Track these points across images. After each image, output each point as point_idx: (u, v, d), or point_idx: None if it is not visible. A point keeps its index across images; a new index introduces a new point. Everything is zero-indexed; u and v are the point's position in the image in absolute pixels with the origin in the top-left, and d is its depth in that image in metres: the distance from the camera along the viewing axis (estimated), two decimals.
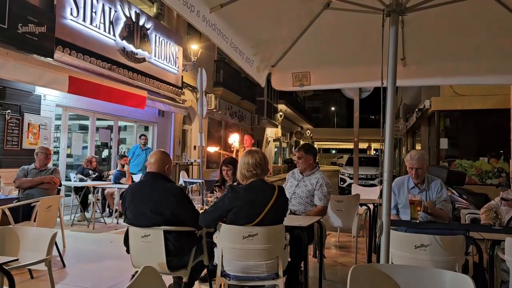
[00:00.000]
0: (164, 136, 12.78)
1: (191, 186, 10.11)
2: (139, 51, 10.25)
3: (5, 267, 2.14)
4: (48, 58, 7.26)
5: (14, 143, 7.22)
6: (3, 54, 5.79)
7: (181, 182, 10.03)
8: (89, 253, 5.54)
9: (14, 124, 7.20)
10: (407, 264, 2.62)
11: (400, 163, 23.43)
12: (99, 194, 8.00)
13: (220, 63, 16.15)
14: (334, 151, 61.05)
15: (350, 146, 45.63)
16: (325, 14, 3.35)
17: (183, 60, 12.81)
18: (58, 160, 8.71)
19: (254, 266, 2.92)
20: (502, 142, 10.37)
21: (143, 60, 10.48)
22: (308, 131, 41.73)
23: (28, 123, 7.45)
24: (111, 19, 9.21)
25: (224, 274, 2.99)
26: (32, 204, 4.89)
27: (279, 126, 28.98)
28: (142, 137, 10.18)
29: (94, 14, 8.61)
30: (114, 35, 9.35)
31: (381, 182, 2.49)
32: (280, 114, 27.97)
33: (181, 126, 13.76)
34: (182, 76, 12.83)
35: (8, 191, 5.53)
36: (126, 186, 7.54)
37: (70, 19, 7.99)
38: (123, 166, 8.51)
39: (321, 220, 3.97)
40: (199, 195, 9.51)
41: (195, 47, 12.96)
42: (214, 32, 3.15)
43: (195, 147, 14.70)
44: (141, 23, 10.34)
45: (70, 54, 7.91)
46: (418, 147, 17.47)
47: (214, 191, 3.99)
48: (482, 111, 11.11)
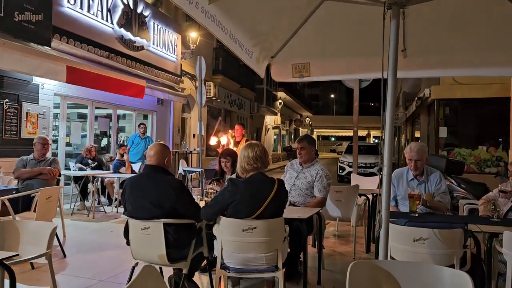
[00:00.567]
0: (163, 124, 12.76)
1: (191, 174, 10.11)
2: (137, 39, 10.17)
3: (5, 262, 2.15)
4: (45, 47, 7.20)
5: (12, 132, 7.20)
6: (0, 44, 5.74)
7: (180, 171, 10.04)
8: (89, 242, 5.57)
9: (12, 114, 7.17)
10: (405, 259, 2.65)
11: (399, 151, 23.48)
12: (99, 183, 8.01)
13: (219, 50, 16.03)
14: (333, 139, 61.09)
15: (349, 133, 45.62)
16: (325, 5, 3.32)
17: (182, 48, 12.72)
18: (57, 149, 8.70)
19: (253, 259, 2.94)
20: (501, 130, 10.37)
21: (141, 48, 10.40)
22: (307, 118, 41.67)
23: (27, 112, 7.42)
24: (109, 7, 9.10)
25: (224, 267, 3.01)
26: (31, 195, 4.90)
27: (279, 114, 28.91)
28: (141, 125, 10.16)
29: (91, 1, 8.51)
30: (112, 23, 9.26)
31: (380, 171, 2.49)
32: (280, 101, 27.88)
33: (180, 115, 13.73)
34: (181, 64, 12.75)
35: (7, 181, 5.53)
36: (126, 175, 7.65)
37: (67, 7, 7.90)
38: (122, 155, 8.51)
39: (320, 211, 3.99)
40: (199, 185, 9.56)
41: (194, 35, 12.86)
42: (213, 23, 3.11)
43: (194, 136, 14.69)
44: (139, 10, 10.23)
45: (67, 43, 7.85)
46: (418, 135, 17.49)
47: (213, 184, 3.99)
48: (482, 99, 11.09)
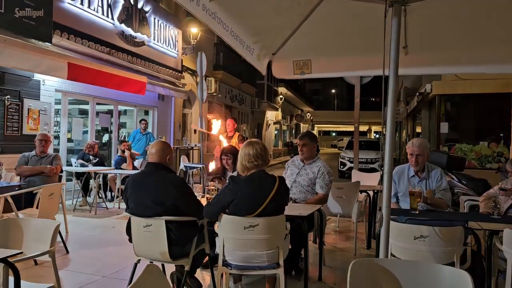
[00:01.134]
0: (164, 120, 12.76)
1: (192, 170, 10.14)
2: (138, 34, 10.16)
3: (10, 260, 2.17)
4: (46, 43, 7.19)
5: (14, 128, 7.22)
6: (0, 41, 5.73)
7: (181, 167, 10.06)
8: (91, 238, 5.60)
9: (13, 110, 7.19)
10: (406, 256, 2.66)
11: (400, 146, 23.49)
12: (101, 179, 8.04)
13: (220, 46, 15.99)
14: (334, 134, 61.06)
15: (350, 128, 45.57)
16: (326, 2, 3.31)
17: (182, 44, 12.69)
18: (58, 145, 8.72)
19: (255, 256, 2.96)
20: (503, 126, 10.37)
21: (142, 43, 10.39)
22: (308, 113, 41.64)
23: (28, 109, 7.43)
24: (109, 2, 9.09)
25: (225, 264, 3.03)
26: (34, 191, 4.92)
27: (280, 109, 28.90)
28: (142, 121, 10.17)
29: None
30: (113, 18, 9.24)
31: (381, 167, 2.50)
32: (280, 97, 27.85)
33: (181, 110, 13.73)
34: (182, 60, 12.74)
35: (10, 178, 5.55)
36: (127, 172, 7.67)
37: (68, 3, 7.89)
38: (123, 152, 8.52)
39: (321, 207, 4.00)
40: (200, 181, 9.58)
41: (194, 30, 12.82)
42: (214, 21, 3.12)
43: (195, 131, 14.70)
44: (139, 5, 10.21)
45: (68, 39, 7.85)
46: (419, 130, 17.48)
47: (214, 181, 4.00)
48: (483, 95, 11.08)
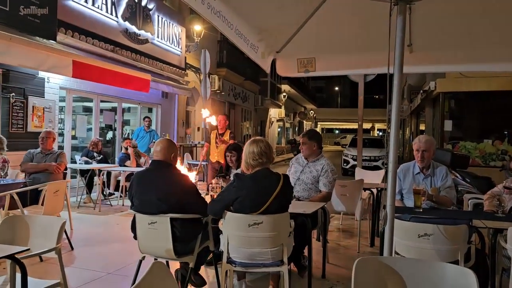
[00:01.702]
0: (168, 117, 12.79)
1: (195, 168, 10.15)
2: (141, 32, 10.17)
3: (16, 257, 2.19)
4: (51, 41, 7.22)
5: (19, 126, 7.25)
6: (6, 39, 5.76)
7: (185, 164, 10.08)
8: (96, 235, 5.63)
9: (18, 107, 7.22)
10: (410, 254, 2.67)
11: (403, 144, 23.44)
12: (105, 176, 8.07)
13: (223, 43, 15.99)
14: (337, 131, 60.97)
15: (354, 126, 45.42)
16: (330, 0, 3.31)
17: (186, 41, 12.70)
18: (63, 142, 8.76)
19: (259, 253, 2.97)
20: (507, 124, 10.33)
21: (146, 41, 10.40)
22: (311, 111, 41.60)
23: (33, 106, 7.47)
24: (113, 0, 9.10)
25: (230, 261, 3.05)
26: (39, 189, 4.95)
27: (283, 107, 28.88)
28: (146, 119, 10.20)
29: None
30: (117, 16, 9.26)
31: (383, 164, 2.51)
32: (284, 94, 27.84)
33: (184, 108, 13.75)
34: (185, 57, 12.74)
35: (15, 175, 5.58)
36: (131, 169, 7.70)
37: (72, 0, 7.90)
38: (127, 149, 8.55)
39: (325, 205, 4.01)
40: (204, 179, 9.60)
41: (198, 27, 12.83)
42: (219, 19, 3.13)
43: (198, 129, 14.73)
44: (143, 3, 10.22)
45: (72, 36, 7.87)
46: (422, 128, 17.44)
47: (218, 179, 4.01)
48: (487, 92, 11.03)
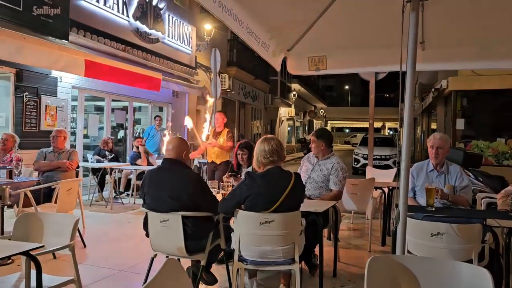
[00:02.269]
0: (179, 116, 12.84)
1: (206, 166, 10.17)
2: (152, 31, 10.22)
3: (31, 253, 2.22)
4: (63, 40, 7.30)
5: (32, 125, 7.35)
6: (20, 39, 5.84)
7: (196, 163, 10.11)
8: (108, 233, 5.69)
9: (32, 107, 7.32)
10: (423, 253, 2.64)
11: (414, 142, 23.24)
12: (116, 175, 8.13)
13: (233, 42, 16.02)
14: (347, 130, 60.70)
15: (364, 125, 45.23)
16: None
17: (196, 40, 12.73)
18: (75, 141, 8.85)
19: (270, 252, 2.97)
20: None
21: (156, 40, 10.46)
22: (321, 110, 41.45)
23: (46, 105, 7.56)
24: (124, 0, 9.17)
25: (241, 259, 3.05)
26: (52, 187, 5.01)
27: (293, 106, 28.84)
28: (157, 118, 10.24)
29: None
30: (128, 15, 9.32)
31: (395, 163, 2.50)
32: (294, 93, 27.78)
33: (195, 107, 13.79)
34: (196, 56, 12.78)
35: (29, 173, 5.65)
36: (142, 167, 7.75)
37: (84, 0, 7.98)
38: (138, 148, 8.61)
39: (336, 204, 4.00)
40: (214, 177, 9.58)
41: (208, 26, 12.86)
42: (230, 17, 3.13)
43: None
44: (154, 2, 10.27)
45: (84, 36, 7.94)
46: (434, 127, 17.28)
47: (229, 178, 4.02)
48: (500, 90, 10.91)
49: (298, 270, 3.02)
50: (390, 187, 5.38)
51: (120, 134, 11.24)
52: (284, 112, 28.16)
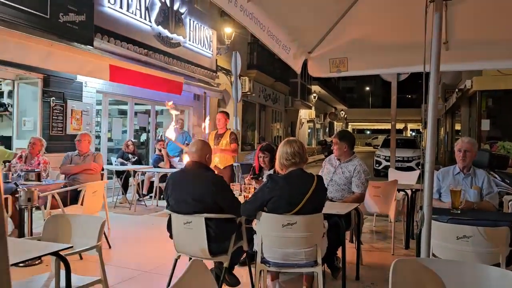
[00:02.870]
0: (200, 119, 12.95)
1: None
2: (174, 36, 10.37)
3: (61, 254, 2.29)
4: (88, 46, 7.48)
5: (58, 129, 7.55)
6: (47, 45, 6.01)
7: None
8: (132, 235, 5.79)
9: (58, 111, 7.52)
10: (448, 257, 2.60)
11: (437, 144, 22.82)
12: (139, 177, 8.26)
13: (253, 45, 16.09)
14: (368, 132, 60.02)
15: (385, 126, 44.62)
16: None
17: (217, 43, 12.84)
18: (99, 144, 9.04)
19: (293, 254, 2.98)
20: None
21: (178, 45, 10.60)
22: (342, 112, 41.14)
23: (71, 110, 7.76)
24: (147, 5, 9.33)
25: (264, 261, 3.07)
26: (78, 189, 5.13)
27: (313, 108, 28.72)
28: (179, 121, 10.34)
29: (130, 0, 8.75)
30: (150, 20, 9.49)
31: (417, 165, 2.47)
32: (314, 95, 27.67)
33: (216, 110, 13.89)
34: (216, 60, 12.89)
35: (55, 176, 5.81)
36: (165, 170, 7.85)
37: (108, 7, 8.17)
38: (160, 150, 8.72)
39: (358, 206, 3.97)
40: (235, 180, 9.63)
41: (228, 30, 12.95)
42: (251, 21, 3.16)
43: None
44: (175, 7, 10.43)
45: (108, 41, 8.13)
46: (458, 128, 16.93)
47: (251, 181, 4.03)
48: None
49: (321, 272, 3.01)
50: (413, 189, 5.30)
51: (143, 137, 11.41)
52: (305, 114, 28.07)
